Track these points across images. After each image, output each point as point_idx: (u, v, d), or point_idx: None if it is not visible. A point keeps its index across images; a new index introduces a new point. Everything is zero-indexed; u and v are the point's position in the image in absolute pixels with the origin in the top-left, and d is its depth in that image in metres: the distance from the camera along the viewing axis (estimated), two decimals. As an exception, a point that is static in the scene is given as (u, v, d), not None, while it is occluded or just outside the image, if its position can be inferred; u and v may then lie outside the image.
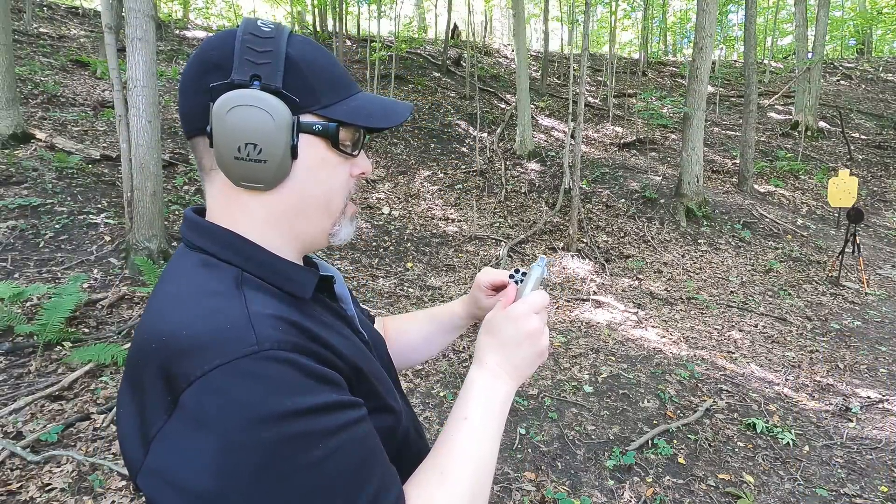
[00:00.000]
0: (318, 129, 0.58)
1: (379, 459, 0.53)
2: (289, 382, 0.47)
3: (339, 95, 0.61)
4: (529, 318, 0.65)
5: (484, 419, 0.62)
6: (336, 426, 0.49)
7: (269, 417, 0.45)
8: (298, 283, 0.59)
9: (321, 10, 15.91)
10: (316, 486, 0.47)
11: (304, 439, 0.46)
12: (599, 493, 2.61)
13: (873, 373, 4.12)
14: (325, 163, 0.60)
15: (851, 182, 6.53)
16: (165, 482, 0.46)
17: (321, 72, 0.60)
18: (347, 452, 0.49)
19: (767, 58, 21.10)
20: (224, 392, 0.45)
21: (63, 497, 2.33)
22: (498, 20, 30.67)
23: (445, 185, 8.61)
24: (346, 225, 0.65)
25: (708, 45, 8.20)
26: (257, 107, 0.54)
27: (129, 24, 4.48)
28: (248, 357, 0.46)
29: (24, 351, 3.47)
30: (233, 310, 0.51)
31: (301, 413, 0.46)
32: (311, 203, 0.61)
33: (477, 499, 0.58)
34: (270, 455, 0.45)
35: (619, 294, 5.77)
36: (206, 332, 0.48)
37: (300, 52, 0.59)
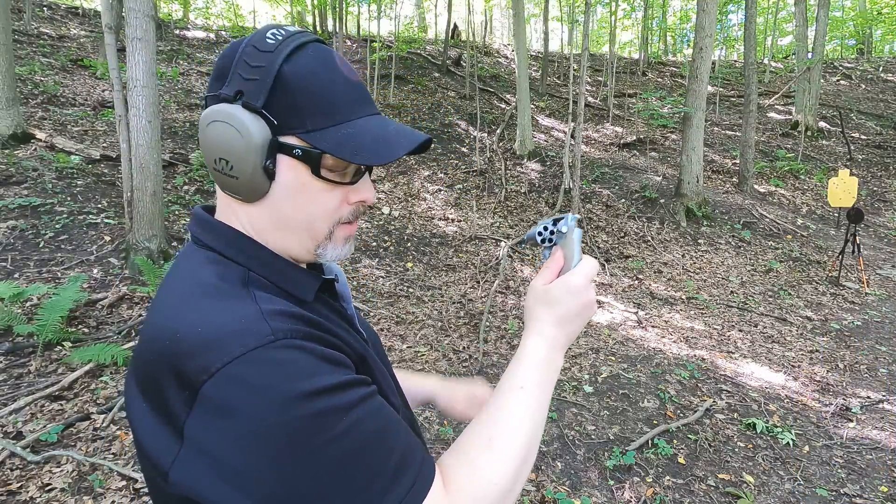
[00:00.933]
0: (297, 153, 0.56)
1: (399, 427, 0.55)
2: (305, 366, 0.49)
3: (330, 120, 0.57)
4: (589, 290, 0.65)
5: (539, 390, 0.61)
6: (353, 401, 0.51)
7: (292, 398, 0.47)
8: (300, 286, 0.60)
9: (321, 10, 15.91)
10: (345, 455, 0.48)
11: (326, 415, 0.48)
12: (599, 493, 2.61)
13: (873, 373, 4.12)
14: (306, 188, 0.58)
15: (851, 182, 6.53)
16: (203, 471, 0.47)
17: (314, 93, 0.56)
18: (367, 423, 0.51)
19: (767, 58, 21.10)
20: (247, 380, 0.47)
21: (63, 497, 2.33)
22: (498, 20, 30.67)
23: (445, 185, 8.61)
24: (335, 248, 0.62)
25: (708, 45, 8.20)
26: (230, 124, 0.54)
27: (129, 24, 4.48)
28: (265, 347, 0.48)
29: (24, 351, 3.47)
30: (245, 307, 0.52)
31: (320, 392, 0.48)
32: (290, 224, 0.59)
33: (524, 470, 0.57)
34: (298, 433, 0.47)
35: (619, 294, 5.77)
36: (221, 328, 0.50)
37: (297, 70, 0.55)
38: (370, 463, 0.50)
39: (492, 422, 0.59)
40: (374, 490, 0.49)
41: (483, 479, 0.54)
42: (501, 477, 0.55)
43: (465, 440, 0.58)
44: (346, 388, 0.51)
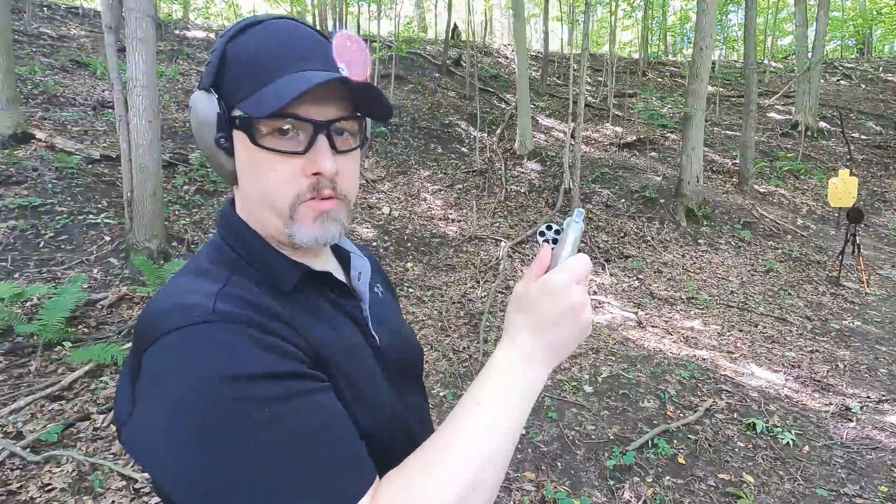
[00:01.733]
0: (237, 123, 0.56)
1: (341, 431, 0.50)
2: (238, 348, 0.48)
3: (259, 85, 0.55)
4: (570, 291, 0.54)
5: (499, 408, 0.52)
6: (285, 393, 0.48)
7: (216, 377, 0.46)
8: (279, 277, 0.59)
9: (321, 9, 15.92)
10: (258, 449, 0.45)
11: (248, 402, 0.46)
12: (599, 493, 2.61)
13: (873, 373, 4.12)
14: (253, 160, 0.57)
15: (851, 182, 6.53)
16: (135, 438, 0.48)
17: (251, 62, 0.56)
18: (298, 419, 0.47)
19: (767, 58, 21.10)
20: (177, 351, 0.47)
21: (63, 497, 2.33)
22: (498, 20, 30.67)
23: (445, 185, 8.61)
24: (304, 228, 0.58)
25: (708, 45, 8.20)
26: (191, 107, 0.58)
27: (129, 24, 4.48)
28: (204, 324, 0.48)
29: (24, 351, 3.47)
30: (206, 287, 0.53)
31: (247, 377, 0.46)
32: (255, 201, 0.59)
33: (470, 498, 0.48)
34: (214, 413, 0.45)
35: (619, 294, 5.77)
36: (174, 303, 0.51)
37: (238, 46, 0.57)
38: (284, 467, 0.45)
39: (438, 440, 0.52)
40: (284, 496, 0.45)
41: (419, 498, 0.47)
42: (443, 495, 0.47)
43: (409, 458, 0.52)
44: (280, 378, 0.48)
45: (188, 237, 5.43)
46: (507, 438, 0.52)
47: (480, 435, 0.51)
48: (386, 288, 0.81)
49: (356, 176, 0.63)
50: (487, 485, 0.50)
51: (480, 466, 0.49)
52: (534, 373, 0.55)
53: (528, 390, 0.55)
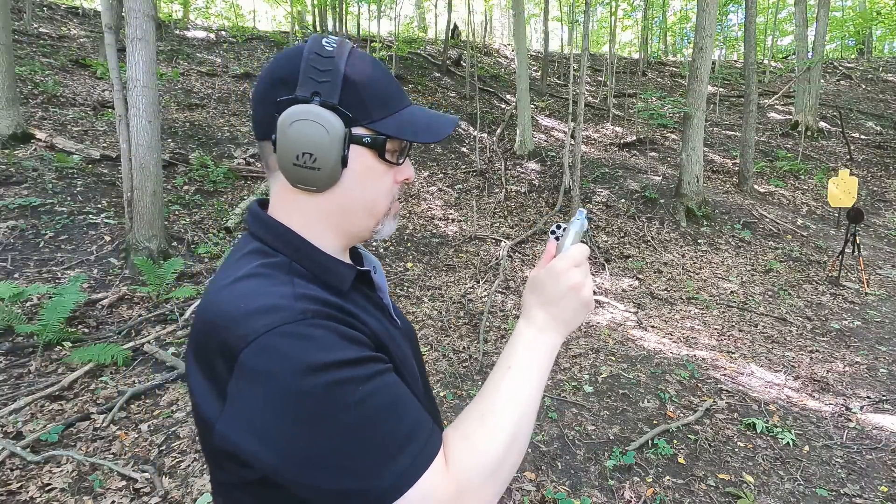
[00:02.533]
0: (367, 141, 0.65)
1: (410, 403, 0.60)
2: (328, 341, 0.55)
3: (388, 110, 0.67)
4: (570, 272, 0.67)
5: (527, 368, 0.65)
6: (367, 375, 0.56)
7: (314, 368, 0.53)
8: (338, 277, 0.66)
9: (321, 9, 15.91)
10: (356, 423, 0.54)
11: (342, 385, 0.54)
12: (599, 493, 2.61)
13: (873, 373, 4.12)
14: (372, 171, 0.67)
15: (851, 182, 6.53)
16: (237, 428, 0.54)
17: (373, 88, 0.66)
18: (380, 396, 0.56)
19: (767, 58, 21.10)
20: (277, 349, 0.53)
21: (63, 497, 2.33)
22: (498, 20, 30.66)
23: (445, 185, 8.62)
24: (389, 223, 0.72)
25: (708, 45, 8.20)
26: (315, 121, 0.62)
27: (129, 24, 4.48)
28: (294, 322, 0.55)
29: (24, 351, 3.47)
30: (283, 289, 0.60)
31: (339, 364, 0.54)
32: (358, 205, 0.68)
33: (515, 443, 0.61)
34: (316, 399, 0.53)
35: (619, 294, 5.77)
36: (260, 304, 0.57)
37: (357, 70, 0.65)
38: (379, 432, 0.55)
39: (484, 399, 0.63)
40: (381, 457, 0.54)
41: (476, 450, 0.59)
42: (493, 448, 0.59)
43: (462, 416, 0.63)
44: (362, 363, 0.57)
45: (188, 237, 5.43)
46: (535, 394, 0.64)
47: (515, 392, 0.63)
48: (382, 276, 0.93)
49: None
50: (525, 430, 0.62)
51: (521, 416, 0.62)
52: (549, 338, 0.68)
53: (547, 352, 0.67)
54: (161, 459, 2.64)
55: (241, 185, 7.12)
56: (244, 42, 14.09)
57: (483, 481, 0.58)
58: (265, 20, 24.92)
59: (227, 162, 7.47)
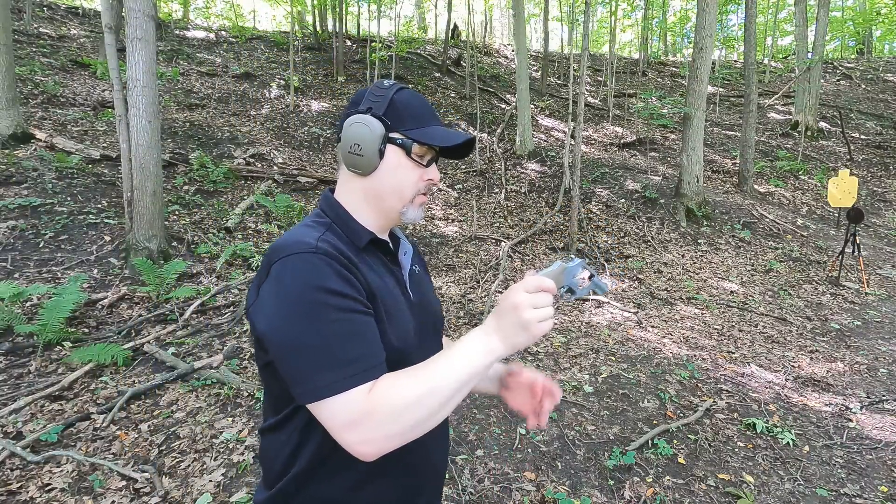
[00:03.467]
0: (399, 142, 0.91)
1: (369, 339, 0.80)
2: (324, 272, 0.79)
3: (418, 124, 0.92)
4: (516, 293, 0.78)
5: (459, 356, 0.78)
6: (343, 306, 0.78)
7: (309, 285, 0.77)
8: (358, 236, 0.92)
9: (321, 9, 15.90)
10: (322, 333, 0.76)
11: (323, 305, 0.76)
12: (599, 493, 2.61)
13: (873, 373, 4.12)
14: (401, 165, 0.92)
15: (851, 182, 6.53)
16: (258, 311, 0.81)
17: (410, 108, 0.92)
18: (346, 324, 0.77)
19: (767, 58, 21.10)
20: (291, 266, 0.79)
21: (63, 497, 2.33)
22: (498, 20, 30.65)
23: (445, 185, 8.61)
24: (414, 210, 0.95)
25: (708, 45, 8.20)
26: (364, 123, 0.90)
27: (129, 24, 4.48)
28: (307, 252, 0.80)
29: (24, 351, 3.47)
30: (313, 234, 0.86)
31: (326, 290, 0.77)
32: (388, 190, 0.93)
33: (421, 404, 0.74)
34: (304, 307, 0.76)
35: (619, 294, 5.76)
36: (294, 240, 0.83)
37: (401, 97, 0.93)
38: (334, 348, 0.76)
39: (424, 365, 0.79)
40: (327, 364, 0.75)
41: (392, 392, 0.75)
42: (404, 395, 0.74)
43: (405, 369, 0.79)
44: (343, 296, 0.78)
45: (188, 237, 5.43)
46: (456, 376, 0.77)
47: (441, 369, 0.77)
48: (422, 269, 1.13)
49: None
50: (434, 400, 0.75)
51: (434, 387, 0.76)
52: (488, 343, 0.79)
53: (479, 352, 0.79)
54: (161, 459, 2.64)
55: (241, 185, 7.12)
56: (244, 42, 14.08)
57: (386, 414, 0.74)
58: (265, 20, 24.91)
59: (227, 162, 7.47)
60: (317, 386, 0.75)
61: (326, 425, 0.77)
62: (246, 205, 6.51)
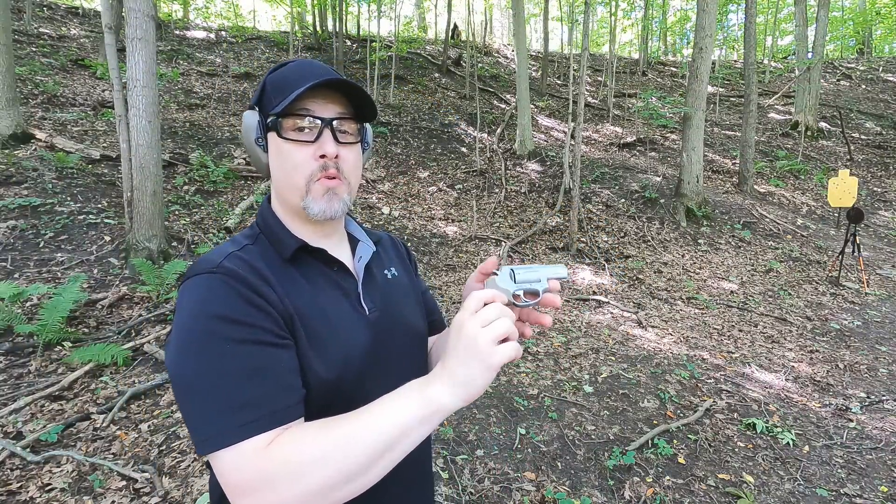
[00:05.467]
0: (269, 124, 0.78)
1: (275, 380, 0.65)
2: (223, 294, 0.67)
3: (284, 95, 0.76)
4: (463, 325, 0.61)
5: (383, 407, 0.62)
6: (240, 337, 0.65)
7: (203, 313, 0.66)
8: (283, 246, 0.78)
9: (321, 9, 15.90)
10: (213, 371, 0.63)
11: (215, 336, 0.64)
12: (599, 493, 2.61)
13: (873, 373, 4.12)
14: (280, 150, 0.77)
15: (851, 182, 6.53)
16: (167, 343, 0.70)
17: (278, 85, 0.77)
18: (241, 358, 0.64)
19: (767, 58, 21.10)
20: (188, 290, 0.69)
21: (63, 497, 2.33)
22: (498, 20, 30.66)
23: (445, 185, 8.61)
24: (316, 201, 0.77)
25: (708, 45, 8.20)
26: (243, 120, 0.81)
27: (129, 24, 4.48)
28: (206, 274, 0.69)
29: (24, 351, 3.47)
30: (227, 249, 0.75)
31: (222, 317, 0.65)
32: (280, 183, 0.79)
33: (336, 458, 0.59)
34: (195, 338, 0.65)
35: (619, 294, 5.76)
36: (204, 259, 0.73)
37: (274, 76, 0.79)
38: (223, 388, 0.63)
39: (345, 417, 0.63)
40: (214, 408, 0.62)
41: (297, 447, 0.61)
42: (314, 450, 0.60)
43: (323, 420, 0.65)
44: (244, 325, 0.65)
45: (188, 237, 5.43)
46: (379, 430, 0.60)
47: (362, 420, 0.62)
48: (403, 272, 0.95)
49: (358, 166, 0.83)
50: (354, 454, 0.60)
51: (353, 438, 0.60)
52: (421, 388, 0.62)
53: (412, 400, 0.62)
54: (161, 459, 2.64)
55: (241, 185, 7.12)
56: (244, 42, 14.09)
57: (284, 475, 0.59)
58: (265, 20, 24.92)
59: (227, 162, 7.47)
60: (202, 437, 0.61)
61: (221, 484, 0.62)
62: (246, 205, 6.51)
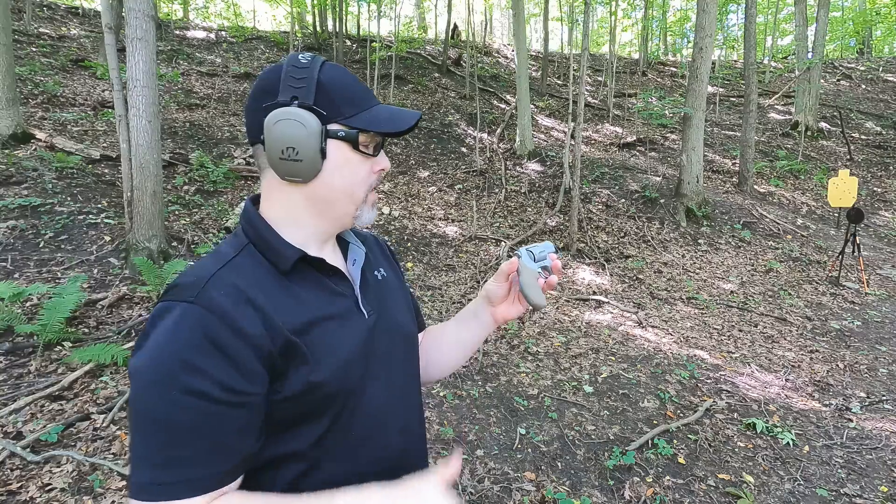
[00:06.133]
0: (341, 135, 0.74)
1: (211, 445, 0.63)
2: (191, 334, 0.62)
3: (358, 108, 0.75)
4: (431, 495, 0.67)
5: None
6: (188, 388, 0.61)
7: (166, 350, 0.62)
8: (281, 258, 0.73)
9: (321, 9, 15.90)
10: (150, 416, 0.61)
11: (173, 381, 0.61)
12: (599, 493, 2.61)
13: (873, 373, 4.12)
14: (349, 162, 0.75)
15: (851, 182, 6.53)
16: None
17: (343, 91, 0.75)
18: (184, 413, 0.61)
19: (767, 58, 21.10)
20: (157, 317, 0.65)
21: (63, 497, 2.33)
22: (498, 20, 30.66)
23: (445, 185, 8.61)
24: (368, 211, 0.79)
25: (708, 45, 8.20)
26: (295, 120, 0.71)
27: (129, 24, 4.47)
28: (184, 303, 0.64)
29: (24, 351, 3.47)
30: (209, 266, 0.70)
31: (183, 362, 0.61)
32: (338, 193, 0.76)
33: None
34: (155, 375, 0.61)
35: (619, 294, 5.76)
36: (186, 275, 0.69)
37: (328, 77, 0.74)
38: (160, 437, 0.61)
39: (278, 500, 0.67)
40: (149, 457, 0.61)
41: None
42: None
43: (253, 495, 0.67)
44: (202, 375, 0.62)
45: (188, 237, 5.43)
46: None
47: None
48: (391, 271, 0.96)
49: None
50: None
51: None
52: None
53: None
54: (161, 459, 2.64)
55: (241, 185, 7.12)
56: (244, 42, 14.09)
57: None
58: (265, 20, 24.91)
59: (227, 162, 7.46)
60: (130, 478, 0.62)
61: None
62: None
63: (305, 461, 0.72)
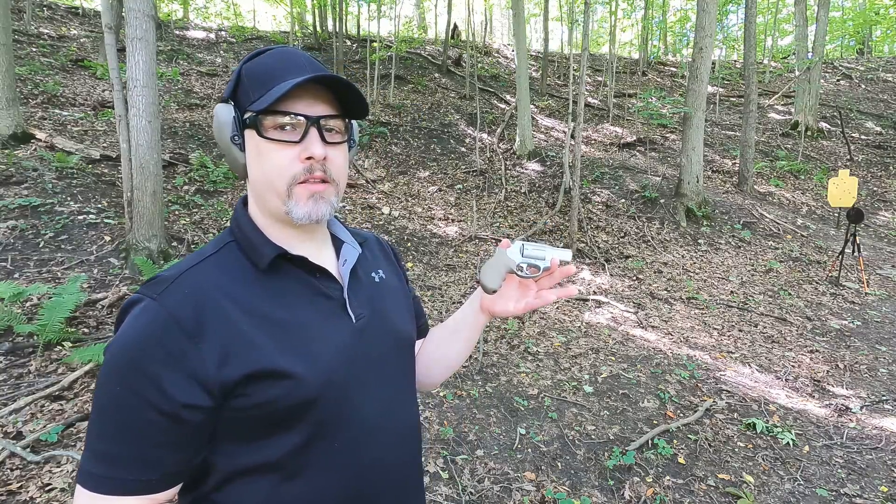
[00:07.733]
0: (248, 121, 0.70)
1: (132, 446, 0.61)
2: (148, 335, 0.62)
3: (264, 88, 0.68)
4: None
5: None
6: (135, 388, 0.61)
7: (126, 346, 0.62)
8: (259, 255, 0.71)
9: (321, 9, 15.90)
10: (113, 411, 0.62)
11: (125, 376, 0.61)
12: (599, 493, 2.61)
13: (873, 373, 4.12)
14: (260, 150, 0.70)
15: (851, 182, 6.53)
16: None
17: (257, 76, 0.70)
18: (132, 414, 0.61)
19: (767, 58, 21.10)
20: (125, 311, 0.66)
21: (63, 497, 2.33)
22: (498, 20, 30.66)
23: (445, 185, 8.61)
24: (299, 205, 0.69)
25: (708, 45, 8.20)
26: (216, 114, 0.72)
27: (129, 24, 4.47)
28: (148, 301, 0.64)
29: (24, 351, 3.47)
30: (181, 266, 0.69)
31: (134, 362, 0.61)
32: (260, 186, 0.71)
33: None
34: (113, 367, 0.62)
35: (619, 294, 5.76)
36: (165, 271, 0.68)
37: (251, 65, 0.71)
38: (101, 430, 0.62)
39: None
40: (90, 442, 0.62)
41: None
42: None
43: None
44: (143, 377, 0.61)
45: (188, 237, 5.43)
46: None
47: None
48: (392, 273, 0.92)
49: (345, 166, 0.76)
50: None
51: None
52: None
53: None
54: (161, 459, 2.64)
55: (241, 185, 7.12)
56: (244, 42, 14.08)
57: None
58: (265, 20, 24.92)
59: (227, 162, 7.46)
60: (79, 468, 0.63)
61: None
62: (246, 205, 6.51)
63: (282, 472, 0.68)
